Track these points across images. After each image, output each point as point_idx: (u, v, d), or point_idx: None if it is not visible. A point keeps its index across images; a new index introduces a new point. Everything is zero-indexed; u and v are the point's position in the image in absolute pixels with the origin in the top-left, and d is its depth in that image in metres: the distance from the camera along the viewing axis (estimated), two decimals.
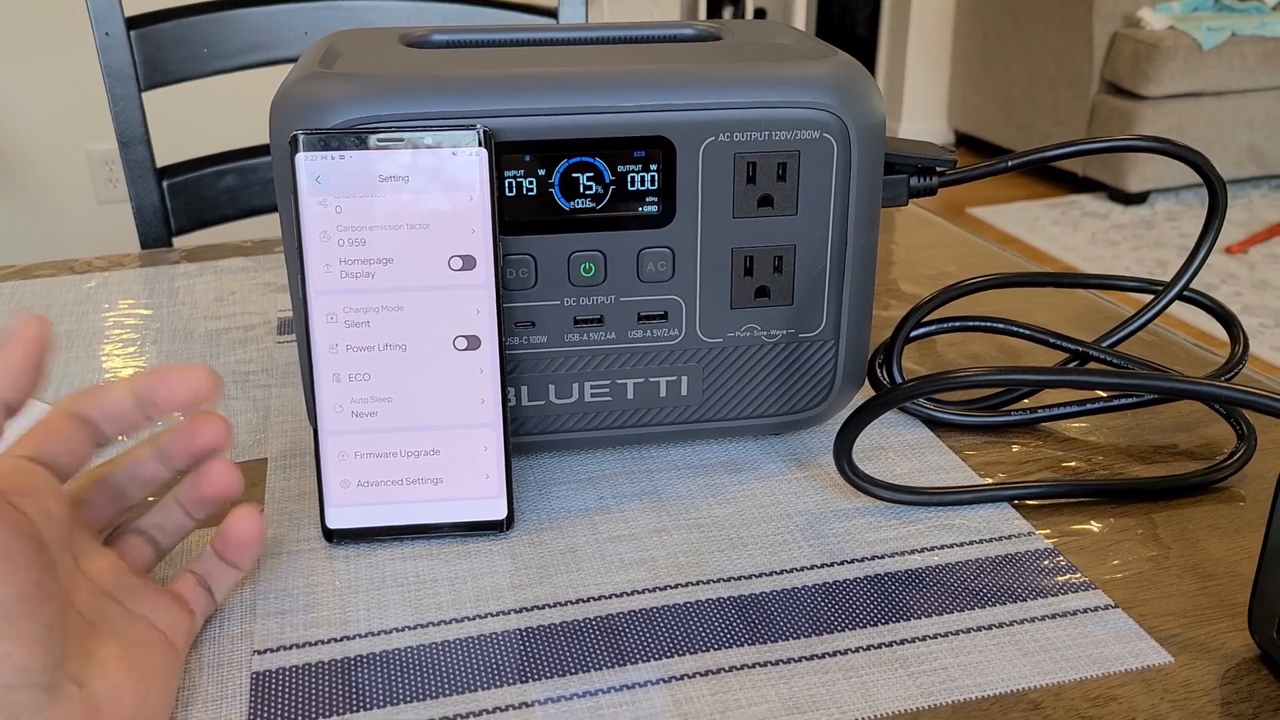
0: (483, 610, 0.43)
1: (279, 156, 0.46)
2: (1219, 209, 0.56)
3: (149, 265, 0.79)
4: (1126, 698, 0.39)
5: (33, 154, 2.64)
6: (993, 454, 0.54)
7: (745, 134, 0.48)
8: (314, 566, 0.46)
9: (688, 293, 0.50)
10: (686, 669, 0.40)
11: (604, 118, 0.47)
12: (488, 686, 0.40)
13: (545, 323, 0.50)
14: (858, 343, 0.53)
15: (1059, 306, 0.71)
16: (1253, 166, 3.58)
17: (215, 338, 0.67)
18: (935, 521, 0.49)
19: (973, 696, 0.39)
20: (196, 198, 1.07)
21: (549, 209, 0.48)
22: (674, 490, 0.51)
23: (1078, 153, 0.55)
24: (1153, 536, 0.48)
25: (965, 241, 0.83)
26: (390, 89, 0.46)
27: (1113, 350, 0.58)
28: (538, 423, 0.52)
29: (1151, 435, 0.56)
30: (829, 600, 0.44)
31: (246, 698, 0.39)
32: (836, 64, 0.49)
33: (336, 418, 0.46)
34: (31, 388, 0.37)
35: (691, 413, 0.53)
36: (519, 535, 0.48)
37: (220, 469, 0.43)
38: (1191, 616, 0.43)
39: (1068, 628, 0.42)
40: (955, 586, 0.45)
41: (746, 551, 0.47)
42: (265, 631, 0.42)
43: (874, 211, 0.51)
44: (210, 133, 2.56)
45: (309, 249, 0.45)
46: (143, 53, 1.02)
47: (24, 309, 0.71)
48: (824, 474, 0.52)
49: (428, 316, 0.46)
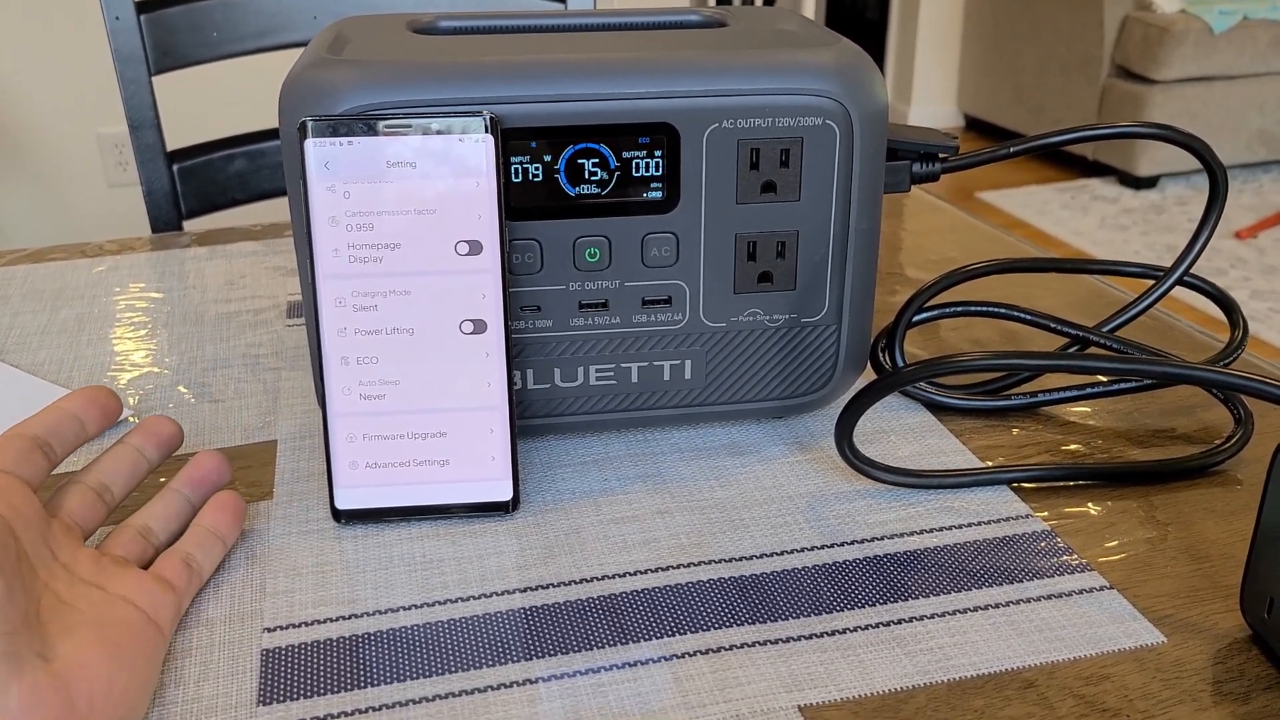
0: (488, 590, 0.44)
1: (288, 143, 0.47)
2: (1219, 196, 0.56)
3: (160, 249, 0.80)
4: (1119, 676, 0.40)
5: (43, 137, 2.65)
6: (993, 437, 0.55)
7: (749, 121, 0.49)
8: (323, 546, 0.47)
9: (691, 278, 0.51)
10: (688, 647, 0.41)
11: (609, 104, 0.48)
12: (493, 664, 0.40)
13: (551, 307, 0.51)
14: (860, 327, 0.54)
15: (1062, 291, 0.71)
16: (1264, 151, 3.56)
17: (225, 321, 0.68)
18: (935, 504, 0.49)
19: (968, 675, 0.40)
20: (207, 181, 1.08)
21: (554, 195, 0.49)
22: (677, 472, 0.52)
23: (1080, 139, 0.56)
24: (1150, 519, 0.48)
25: (970, 227, 0.83)
26: (398, 76, 0.47)
27: (1113, 335, 0.58)
28: (543, 405, 0.53)
29: (1150, 419, 0.56)
30: (828, 581, 0.45)
31: (257, 674, 0.40)
32: (839, 51, 0.50)
33: (345, 400, 0.47)
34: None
35: (695, 396, 0.54)
36: (524, 516, 0.49)
37: (206, 457, 0.48)
38: (1185, 598, 0.44)
39: (1063, 608, 0.43)
40: (953, 568, 0.45)
41: (748, 533, 0.48)
42: (275, 610, 0.43)
43: (876, 197, 0.51)
44: (220, 117, 2.57)
45: (318, 234, 0.45)
46: (153, 37, 1.03)
47: (37, 292, 0.72)
48: (825, 457, 0.53)
49: (435, 301, 0.46)
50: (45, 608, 0.37)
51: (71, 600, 0.38)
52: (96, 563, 0.41)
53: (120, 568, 0.41)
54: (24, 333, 0.67)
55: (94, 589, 0.39)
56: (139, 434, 0.47)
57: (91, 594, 0.39)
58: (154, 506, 0.46)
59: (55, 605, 0.37)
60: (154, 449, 0.47)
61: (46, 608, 0.37)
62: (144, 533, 0.45)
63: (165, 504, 0.46)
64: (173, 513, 0.46)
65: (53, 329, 0.67)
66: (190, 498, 0.47)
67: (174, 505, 0.46)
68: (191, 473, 0.47)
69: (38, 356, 0.64)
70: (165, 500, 0.46)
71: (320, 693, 0.39)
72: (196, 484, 0.47)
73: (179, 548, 0.44)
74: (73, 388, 0.60)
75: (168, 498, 0.46)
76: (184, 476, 0.47)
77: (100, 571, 0.40)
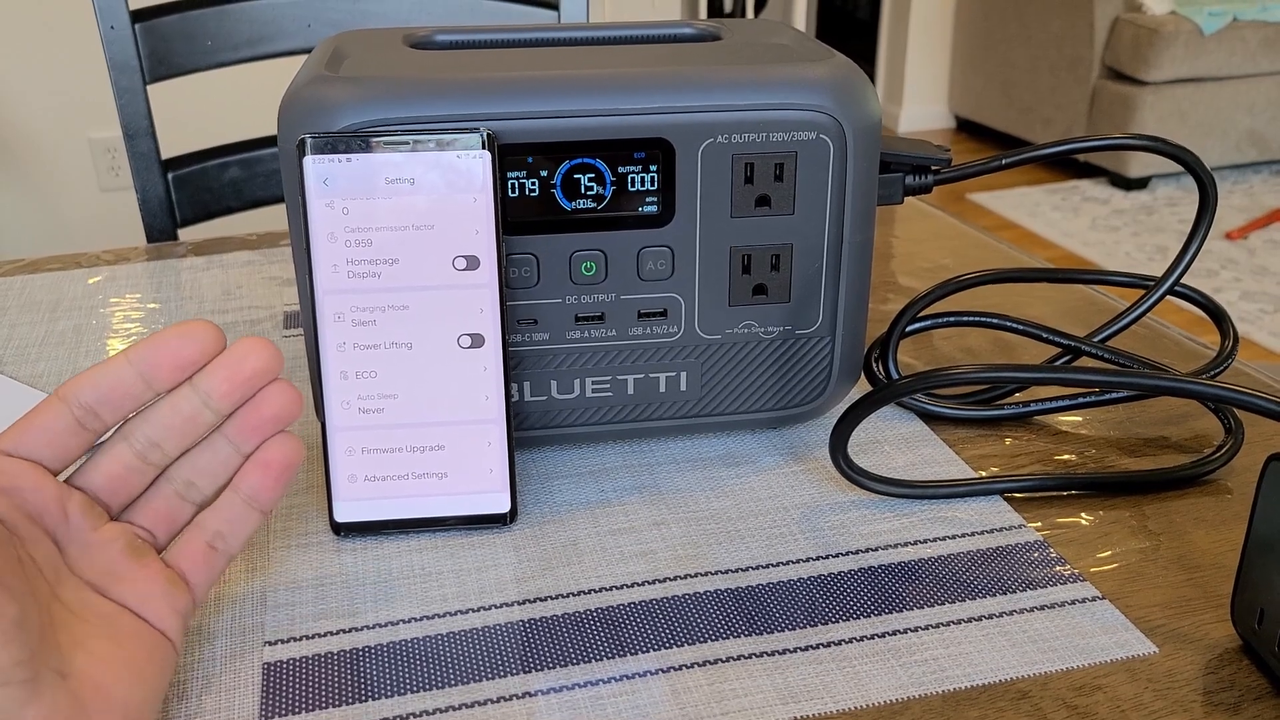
0: (487, 602, 0.45)
1: (287, 159, 0.47)
2: (1209, 206, 0.57)
3: (155, 259, 0.80)
4: (1111, 687, 0.40)
5: (35, 142, 2.65)
6: (986, 447, 0.55)
7: (743, 135, 0.49)
8: (323, 560, 0.47)
9: (687, 291, 0.51)
10: (685, 659, 0.42)
11: (605, 120, 0.48)
12: (492, 677, 0.41)
13: (547, 320, 0.51)
14: (853, 338, 0.54)
15: (1054, 300, 0.72)
16: (1253, 152, 3.58)
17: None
18: (928, 514, 0.50)
19: (962, 686, 0.40)
20: (201, 189, 1.08)
21: (551, 209, 0.49)
22: (673, 483, 0.52)
23: (1071, 150, 0.56)
24: (1141, 529, 0.49)
25: (962, 233, 0.84)
26: (396, 93, 0.47)
27: (1104, 345, 0.59)
28: (540, 418, 0.53)
29: (1142, 428, 0.57)
30: (823, 592, 0.45)
31: (258, 688, 0.40)
32: (833, 66, 0.50)
33: (344, 414, 0.47)
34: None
35: (690, 408, 0.54)
36: (522, 528, 0.49)
37: (277, 389, 0.41)
38: (1177, 608, 0.44)
39: (1056, 619, 0.43)
40: (946, 578, 0.46)
41: (744, 544, 0.48)
42: (276, 623, 0.44)
43: (870, 210, 0.52)
44: (215, 125, 2.57)
45: (317, 250, 0.46)
46: (147, 45, 1.03)
47: (34, 303, 0.72)
48: (820, 467, 0.54)
49: (433, 315, 0.47)
50: (55, 618, 0.36)
51: (79, 609, 0.37)
52: (108, 557, 0.38)
53: (135, 562, 0.39)
54: (22, 344, 0.67)
55: (100, 599, 0.38)
56: (213, 376, 0.40)
57: (99, 603, 0.38)
58: (200, 456, 0.41)
59: (64, 616, 0.36)
60: (224, 398, 0.40)
61: (56, 618, 0.36)
62: (184, 490, 0.41)
63: (213, 453, 0.41)
64: (219, 465, 0.41)
65: (51, 340, 0.67)
66: (243, 448, 0.42)
67: (222, 455, 0.41)
68: (250, 418, 0.41)
69: (36, 368, 0.64)
70: (214, 448, 0.41)
71: (321, 706, 0.40)
72: (253, 431, 0.41)
73: (208, 523, 0.41)
74: None
75: (217, 445, 0.41)
76: (241, 422, 0.41)
77: (109, 572, 0.38)
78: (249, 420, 0.41)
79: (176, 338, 0.40)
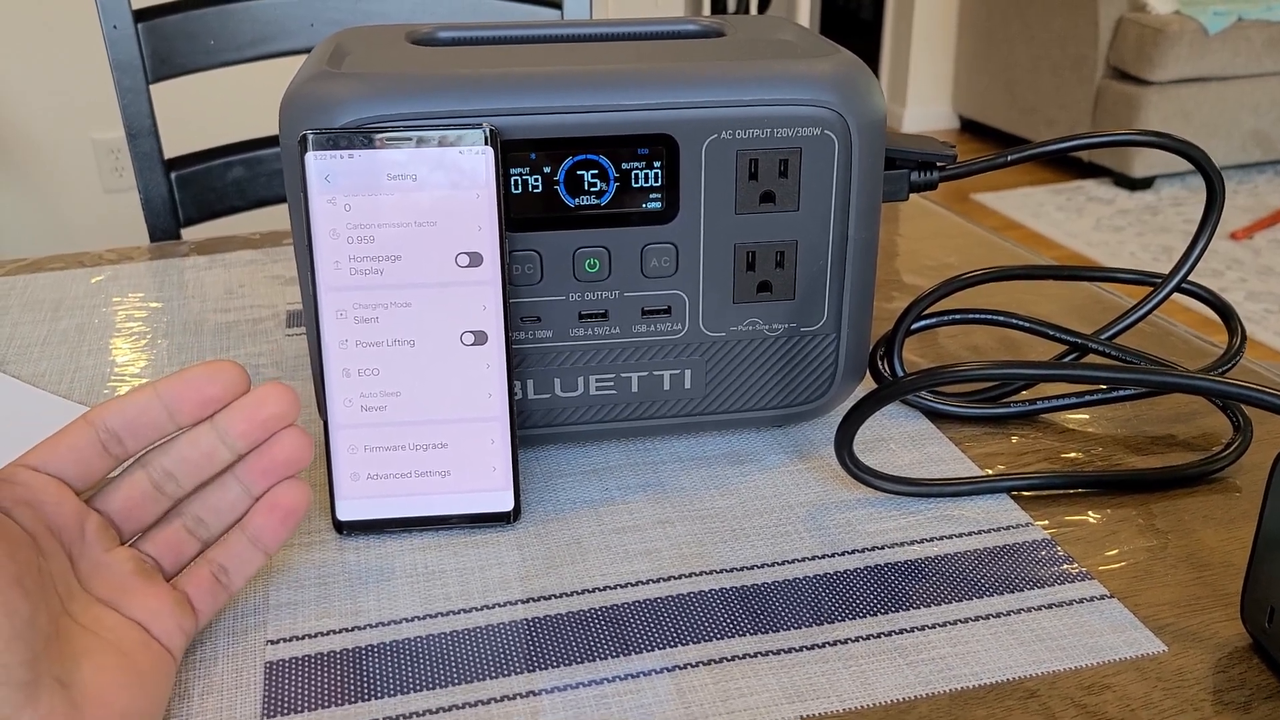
0: (490, 601, 0.44)
1: (289, 156, 0.47)
2: (1217, 203, 0.56)
3: (158, 258, 0.80)
4: (1120, 686, 0.40)
5: (38, 143, 2.65)
6: (992, 445, 0.55)
7: (747, 131, 0.49)
8: (325, 558, 0.47)
9: (691, 288, 0.51)
10: (690, 658, 0.41)
11: (608, 116, 0.48)
12: (496, 676, 0.41)
13: (551, 318, 0.51)
14: (858, 336, 0.54)
15: (1060, 297, 0.71)
16: (1258, 152, 3.57)
17: (225, 331, 0.68)
18: (934, 512, 0.50)
19: (970, 685, 0.40)
20: (205, 189, 1.08)
21: (554, 206, 0.49)
22: (677, 482, 0.52)
23: (1077, 146, 0.56)
24: (1150, 527, 0.49)
25: (967, 231, 0.83)
26: (398, 89, 0.47)
27: (1111, 342, 0.58)
28: (544, 416, 0.53)
29: (1149, 426, 0.56)
30: (829, 590, 0.45)
31: (261, 687, 0.40)
32: (838, 62, 0.50)
33: (346, 412, 0.47)
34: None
35: (695, 405, 0.54)
36: (526, 527, 0.49)
37: (291, 435, 0.42)
38: (1186, 606, 0.44)
39: (1064, 617, 0.43)
40: (953, 577, 0.46)
41: (749, 542, 0.48)
42: (278, 622, 0.43)
43: (875, 207, 0.51)
44: (217, 125, 2.57)
45: (319, 247, 0.45)
46: (150, 45, 1.03)
47: (37, 302, 0.72)
48: (825, 465, 0.53)
49: (435, 312, 0.46)
50: (62, 628, 0.36)
51: (87, 623, 0.37)
52: (118, 575, 0.39)
53: (144, 581, 0.40)
54: (24, 343, 0.67)
55: (109, 611, 0.38)
56: (233, 415, 0.42)
57: (107, 617, 0.38)
58: (212, 494, 0.42)
59: (71, 628, 0.37)
60: (241, 437, 0.42)
61: (63, 629, 0.36)
62: (193, 526, 0.42)
63: (224, 492, 0.43)
64: (228, 506, 0.43)
65: (53, 339, 0.67)
66: (253, 490, 0.43)
67: (232, 495, 0.43)
68: (262, 460, 0.42)
69: (39, 367, 0.64)
70: (225, 488, 0.43)
71: (324, 705, 0.39)
72: (263, 474, 0.43)
73: (214, 556, 0.42)
74: (74, 398, 0.60)
75: (228, 485, 0.43)
76: (253, 464, 0.42)
77: (120, 588, 0.39)
78: (260, 463, 0.43)
79: (203, 375, 0.41)
